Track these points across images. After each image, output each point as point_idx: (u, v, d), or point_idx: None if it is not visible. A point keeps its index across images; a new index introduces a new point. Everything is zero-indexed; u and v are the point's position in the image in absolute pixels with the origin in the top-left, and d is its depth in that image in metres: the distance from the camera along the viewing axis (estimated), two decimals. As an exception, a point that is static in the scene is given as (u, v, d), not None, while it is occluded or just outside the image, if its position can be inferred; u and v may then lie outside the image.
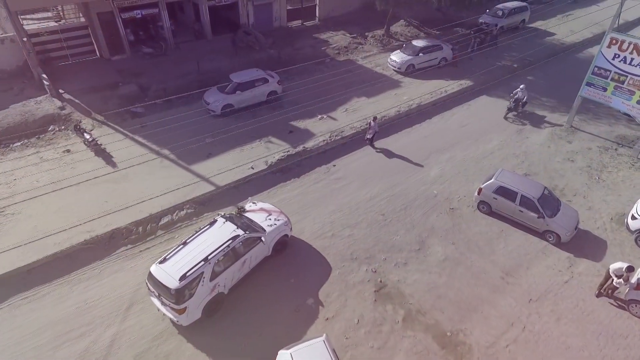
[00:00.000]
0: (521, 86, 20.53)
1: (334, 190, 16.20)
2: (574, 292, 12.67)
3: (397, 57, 24.35)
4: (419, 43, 24.51)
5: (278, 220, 13.17)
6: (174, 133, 17.78)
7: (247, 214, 13.21)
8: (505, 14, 29.99)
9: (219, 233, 11.70)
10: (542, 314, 12.01)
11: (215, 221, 12.25)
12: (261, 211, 13.48)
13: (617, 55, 17.47)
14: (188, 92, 21.84)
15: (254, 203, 14.02)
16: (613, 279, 11.83)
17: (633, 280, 11.74)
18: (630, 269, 11.64)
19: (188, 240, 11.55)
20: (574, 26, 32.64)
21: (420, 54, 24.04)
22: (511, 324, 11.77)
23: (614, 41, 17.37)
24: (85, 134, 17.46)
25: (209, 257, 10.96)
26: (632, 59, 17.11)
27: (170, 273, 10.57)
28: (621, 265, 11.71)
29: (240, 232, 11.82)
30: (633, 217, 14.11)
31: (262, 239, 12.36)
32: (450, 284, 12.86)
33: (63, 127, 18.81)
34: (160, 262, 10.98)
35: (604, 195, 16.37)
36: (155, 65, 24.17)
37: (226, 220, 12.20)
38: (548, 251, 14.01)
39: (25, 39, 20.07)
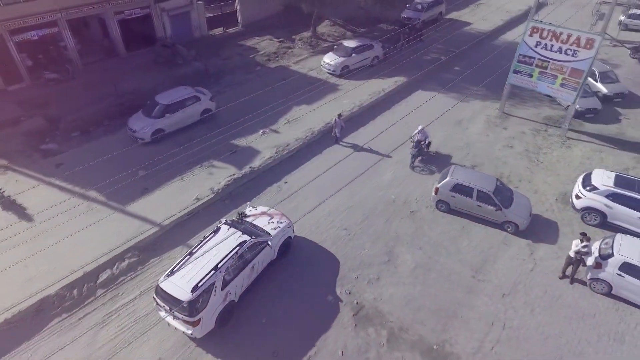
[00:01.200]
0: (419, 127, 17.13)
1: (290, 210, 15.18)
2: (540, 279, 13.00)
3: (330, 59, 23.84)
4: (350, 43, 24.20)
5: (281, 222, 13.15)
6: (99, 169, 15.59)
7: (248, 219, 13.04)
8: (424, 7, 30.82)
9: (225, 240, 11.50)
10: (517, 308, 12.14)
11: (218, 229, 12.06)
12: (262, 215, 13.32)
13: (539, 43, 18.41)
14: (108, 120, 19.57)
15: (253, 207, 13.81)
16: (582, 259, 12.25)
17: (590, 262, 12.25)
18: (584, 234, 12.22)
19: (194, 251, 11.32)
20: (485, 14, 34.57)
21: (353, 55, 23.75)
22: (491, 324, 11.73)
23: (535, 30, 18.26)
24: (-14, 186, 14.72)
25: (219, 266, 10.81)
26: (552, 46, 18.11)
27: (180, 285, 10.31)
28: (577, 245, 12.19)
29: (246, 237, 11.71)
30: (577, 197, 14.87)
31: (269, 242, 12.28)
32: (426, 293, 12.56)
33: (-44, 180, 15.74)
34: (168, 275, 10.71)
35: (545, 177, 17.19)
36: (63, 92, 21.30)
37: (230, 227, 12.04)
38: (509, 241, 14.31)
39: None
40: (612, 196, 14.14)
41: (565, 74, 18.28)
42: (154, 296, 10.78)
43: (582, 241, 12.11)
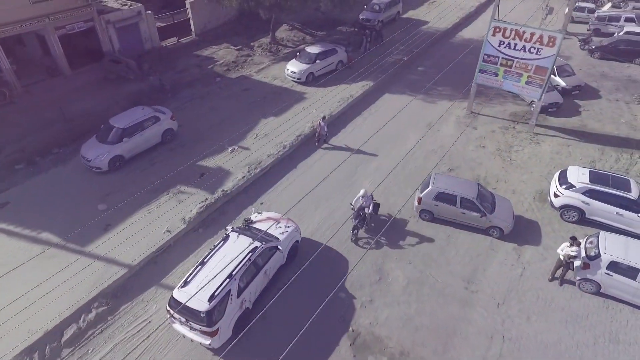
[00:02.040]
0: (361, 192, 13.75)
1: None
2: (531, 283, 12.93)
3: (294, 67, 23.00)
4: (313, 49, 23.47)
5: (288, 227, 13.07)
6: (52, 206, 14.09)
7: (255, 225, 12.87)
8: (381, 8, 30.64)
9: (236, 247, 11.42)
10: (513, 317, 11.96)
11: (228, 236, 11.96)
12: (269, 220, 13.13)
13: (502, 42, 18.52)
14: (57, 148, 17.78)
15: (259, 213, 13.67)
16: (570, 262, 12.26)
17: (578, 261, 12.29)
18: (574, 239, 12.22)
19: (206, 260, 11.15)
20: (441, 12, 34.97)
21: (318, 61, 23.05)
22: (491, 337, 11.47)
23: (498, 29, 18.34)
24: None
25: (233, 273, 10.71)
26: (515, 44, 18.27)
27: (196, 295, 9.91)
28: (567, 247, 12.20)
29: (257, 243, 11.64)
30: (555, 195, 15.01)
31: (279, 247, 12.29)
32: (422, 310, 12.13)
33: None
34: (182, 286, 10.47)
35: (519, 175, 17.33)
36: (1, 118, 19.14)
37: (240, 234, 11.97)
38: (495, 246, 14.18)
39: None
40: (588, 193, 14.35)
41: (530, 72, 18.52)
42: (168, 309, 10.52)
43: (571, 245, 12.10)
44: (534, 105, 21.27)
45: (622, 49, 26.43)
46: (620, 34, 27.86)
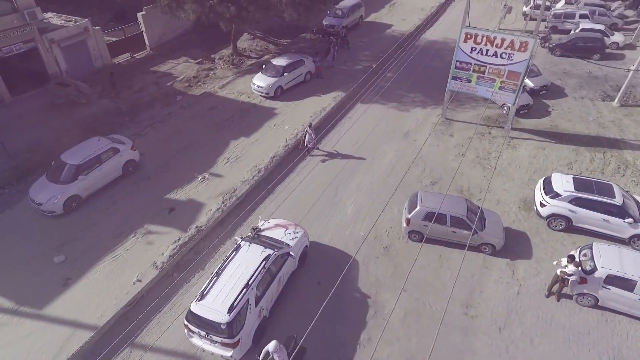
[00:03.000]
0: (271, 345, 9.53)
1: (254, 271, 13.19)
2: (529, 302, 12.56)
3: (261, 81, 21.80)
4: (280, 62, 22.36)
5: (297, 232, 13.01)
6: (-1, 263, 12.26)
7: (264, 233, 12.75)
8: (345, 13, 29.93)
9: (249, 257, 11.33)
10: (516, 342, 11.51)
11: (239, 246, 11.78)
12: (277, 227, 13.09)
13: (474, 49, 18.21)
14: (0, 190, 15.82)
15: (265, 220, 13.51)
16: (567, 279, 11.95)
17: (574, 277, 11.99)
18: (572, 257, 11.93)
19: (220, 271, 10.99)
20: (403, 14, 34.78)
21: (285, 74, 21.97)
22: (498, 367, 10.96)
23: (469, 36, 18.01)
24: None
25: (250, 283, 10.61)
26: (487, 50, 18.01)
27: (215, 308, 9.95)
28: (565, 264, 11.91)
29: (269, 251, 11.55)
30: (542, 204, 14.79)
31: (291, 253, 12.20)
32: (424, 345, 11.43)
33: None
34: (199, 299, 10.28)
35: (502, 183, 17.09)
36: None
37: (251, 243, 11.87)
38: (488, 264, 13.75)
39: None
40: (574, 201, 14.21)
41: (502, 77, 18.32)
42: (186, 323, 10.33)
43: (569, 262, 11.80)
44: (505, 107, 21.32)
45: (580, 46, 27.08)
46: (577, 30, 28.59)
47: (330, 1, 23.81)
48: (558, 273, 12.10)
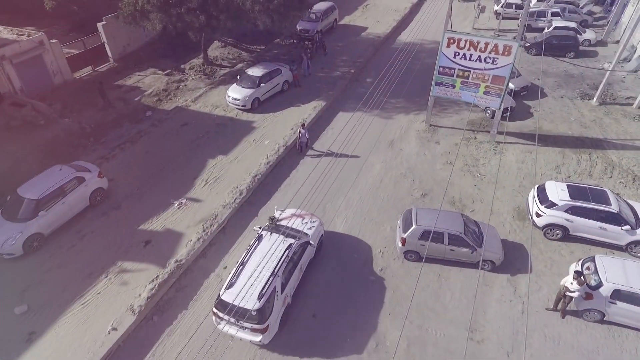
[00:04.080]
0: None
1: (242, 306, 12.12)
2: (534, 320, 12.03)
3: (236, 93, 20.61)
4: (255, 72, 21.21)
5: (313, 222, 13.33)
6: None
7: (282, 223, 12.89)
8: (319, 16, 29.03)
9: (272, 246, 11.60)
10: (527, 366, 10.95)
11: (261, 236, 12.16)
12: (293, 217, 13.28)
13: (457, 53, 17.68)
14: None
15: (281, 211, 13.58)
16: (571, 296, 11.49)
17: (576, 294, 11.51)
18: (579, 274, 11.48)
19: (245, 260, 11.39)
20: (377, 16, 34.19)
21: (262, 84, 20.86)
22: (510, 398, 10.34)
23: (452, 40, 17.46)
24: None
25: (276, 271, 11.01)
26: (470, 55, 17.52)
27: (244, 295, 10.24)
28: (571, 281, 11.43)
29: (291, 240, 11.90)
30: (537, 214, 14.36)
31: (311, 242, 12.66)
32: (431, 378, 10.71)
33: None
34: (228, 287, 10.70)
35: (492, 192, 16.59)
36: None
37: (272, 232, 12.18)
38: (489, 281, 13.18)
39: None
40: (571, 210, 13.84)
41: (487, 82, 17.89)
42: (215, 310, 10.65)
43: (574, 279, 11.32)
44: (489, 111, 20.98)
45: (555, 45, 27.18)
46: (550, 29, 28.73)
47: (304, 7, 22.83)
48: (562, 290, 11.62)
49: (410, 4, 36.76)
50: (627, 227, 13.37)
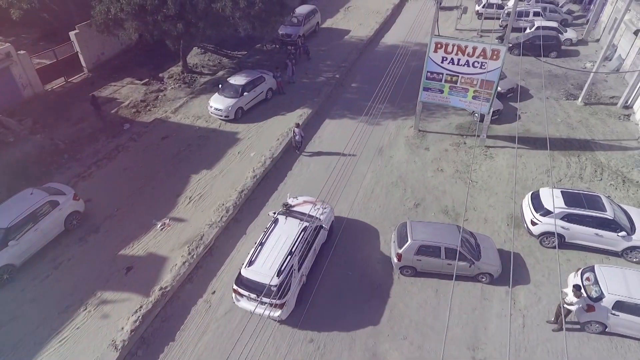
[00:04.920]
0: None
1: (233, 332, 11.45)
2: (536, 335, 11.72)
3: (218, 103, 19.82)
4: (238, 80, 20.46)
5: (325, 208, 13.91)
6: None
7: (295, 209, 13.59)
8: (301, 20, 28.40)
9: (288, 228, 12.34)
10: (532, 385, 10.61)
11: (277, 219, 12.78)
12: (305, 203, 13.97)
13: (445, 58, 17.35)
14: None
15: (294, 197, 14.39)
16: (570, 309, 11.20)
17: (575, 308, 11.22)
18: (578, 288, 11.21)
19: (263, 241, 11.97)
20: (359, 18, 33.77)
21: (245, 93, 20.13)
22: (517, 420, 9.96)
23: (439, 45, 17.11)
24: None
25: (293, 250, 11.60)
26: (459, 60, 17.20)
27: (263, 272, 10.96)
28: (571, 295, 11.15)
29: (305, 223, 12.40)
30: (533, 223, 14.10)
31: (323, 225, 13.29)
32: (435, 403, 10.26)
33: None
34: (248, 265, 11.27)
35: (486, 199, 16.32)
36: None
37: (287, 216, 12.87)
38: (487, 294, 12.82)
39: None
40: (567, 217, 13.62)
41: (476, 87, 17.63)
42: (236, 287, 11.21)
43: (574, 292, 11.03)
44: (476, 114, 20.72)
45: (537, 45, 27.17)
46: (532, 29, 28.77)
47: (286, 12, 22.18)
48: (566, 306, 11.32)
49: (392, 5, 36.48)
50: (623, 233, 13.21)
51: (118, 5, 18.83)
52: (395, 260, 13.03)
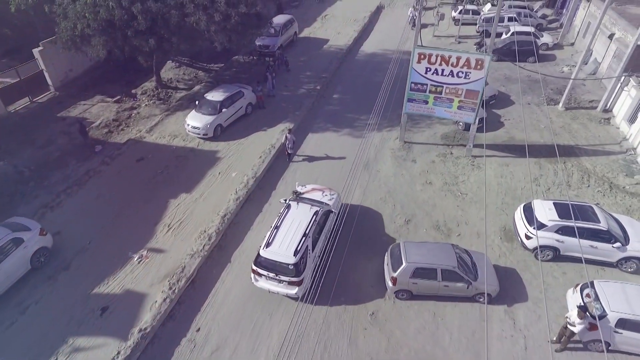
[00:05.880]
0: None
1: (221, 376, 10.62)
2: (538, 357, 11.30)
3: (196, 121, 18.90)
4: (215, 96, 19.59)
5: (332, 194, 14.83)
6: None
7: (304, 196, 14.42)
8: (278, 31, 27.73)
9: (300, 213, 13.03)
10: (539, 413, 10.14)
11: (289, 205, 13.40)
12: (314, 190, 14.86)
13: (428, 69, 16.99)
14: None
15: (302, 186, 15.11)
16: (574, 330, 10.82)
17: (579, 328, 10.86)
18: (584, 310, 10.85)
19: (278, 225, 12.61)
20: (337, 27, 33.37)
21: (224, 110, 19.26)
22: None
23: (422, 56, 16.74)
24: None
25: (307, 232, 12.31)
26: (442, 70, 16.87)
27: (281, 252, 11.78)
28: (574, 316, 10.77)
29: (317, 207, 13.27)
30: (527, 237, 13.77)
31: (333, 210, 14.01)
32: None
33: None
34: (266, 247, 11.98)
35: (477, 212, 15.95)
36: None
37: (299, 202, 13.57)
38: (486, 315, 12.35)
39: None
40: (561, 230, 13.34)
41: (460, 97, 17.32)
42: (254, 267, 11.93)
43: (578, 313, 10.65)
44: (461, 123, 20.47)
45: (514, 50, 27.30)
46: (509, 34, 28.93)
47: (263, 24, 21.50)
48: (569, 327, 10.94)
49: (369, 13, 36.26)
50: (618, 244, 13.01)
51: (84, 21, 17.75)
52: (390, 284, 12.43)
